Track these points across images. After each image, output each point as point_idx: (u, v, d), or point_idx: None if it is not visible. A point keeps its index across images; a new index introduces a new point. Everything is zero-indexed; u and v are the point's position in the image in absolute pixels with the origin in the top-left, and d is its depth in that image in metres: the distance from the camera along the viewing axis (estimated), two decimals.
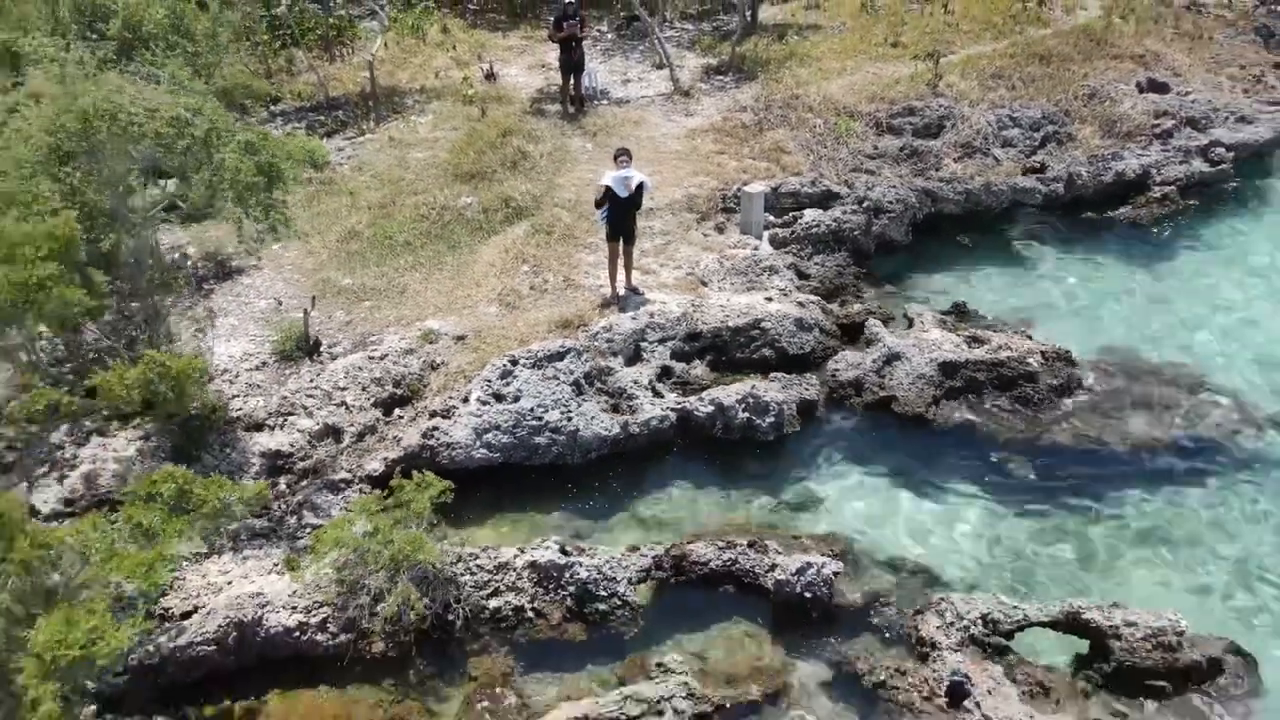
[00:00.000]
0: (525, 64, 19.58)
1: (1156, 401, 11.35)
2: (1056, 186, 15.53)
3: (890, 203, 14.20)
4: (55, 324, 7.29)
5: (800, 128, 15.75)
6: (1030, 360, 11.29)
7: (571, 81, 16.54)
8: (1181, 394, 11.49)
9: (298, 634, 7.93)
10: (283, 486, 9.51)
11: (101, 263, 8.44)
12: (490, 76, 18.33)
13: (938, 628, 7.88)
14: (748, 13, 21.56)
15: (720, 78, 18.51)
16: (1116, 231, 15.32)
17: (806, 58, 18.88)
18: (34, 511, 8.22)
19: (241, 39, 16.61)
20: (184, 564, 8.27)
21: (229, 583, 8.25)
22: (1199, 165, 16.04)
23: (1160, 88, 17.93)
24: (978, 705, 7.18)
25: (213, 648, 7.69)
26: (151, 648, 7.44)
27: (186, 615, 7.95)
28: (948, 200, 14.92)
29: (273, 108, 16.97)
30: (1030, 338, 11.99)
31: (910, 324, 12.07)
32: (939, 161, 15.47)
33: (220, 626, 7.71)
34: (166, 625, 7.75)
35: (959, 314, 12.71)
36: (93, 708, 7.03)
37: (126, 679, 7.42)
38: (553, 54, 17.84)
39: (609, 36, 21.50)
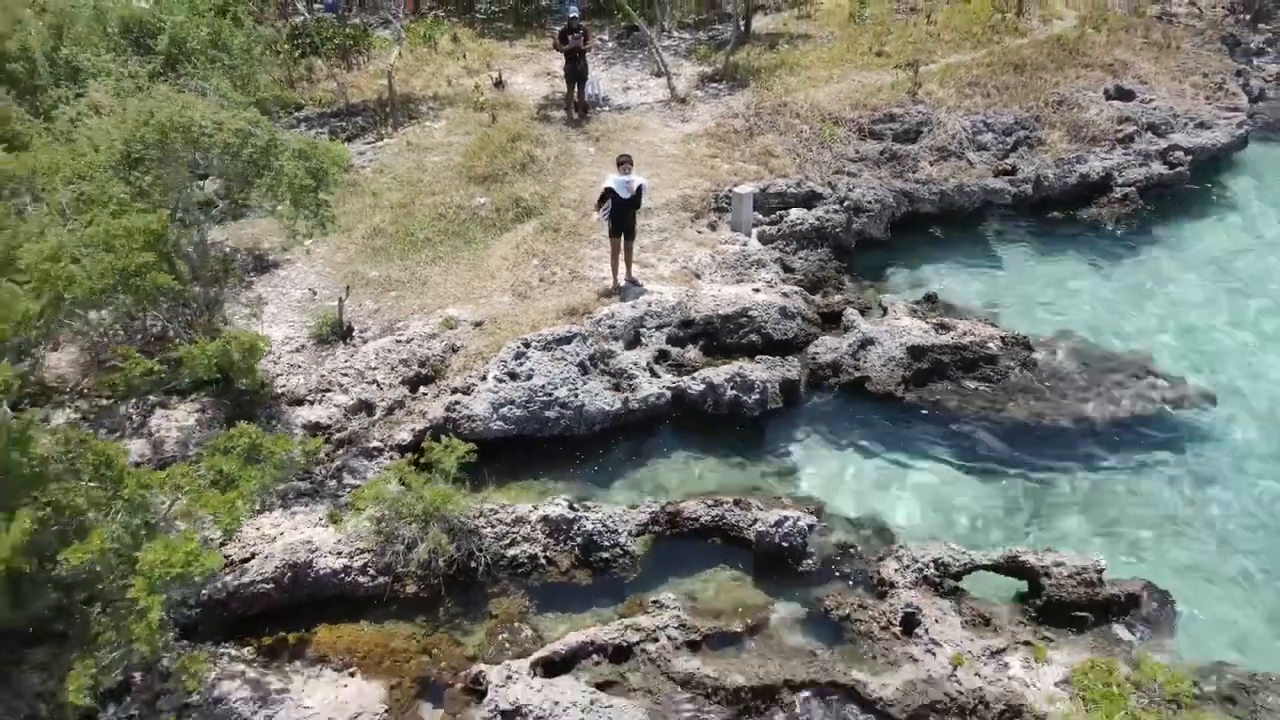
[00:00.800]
0: (531, 72, 20.82)
1: (1104, 382, 12.57)
2: (1025, 187, 16.79)
3: (869, 203, 15.45)
4: (148, 303, 8.50)
5: (788, 133, 16.99)
6: (991, 345, 12.52)
7: (575, 89, 17.77)
8: (1127, 376, 12.70)
9: (342, 576, 9.15)
10: (322, 454, 10.73)
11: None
12: (499, 84, 19.57)
13: (895, 570, 9.11)
14: (741, 23, 22.83)
15: (715, 85, 19.75)
16: (1080, 229, 16.58)
17: (796, 66, 20.12)
18: None
19: (266, 49, 17.78)
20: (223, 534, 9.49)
21: (281, 534, 9.46)
22: (1158, 168, 17.27)
23: (1126, 95, 19.18)
24: (926, 631, 8.40)
25: (270, 586, 8.91)
26: (219, 585, 8.65)
27: (245, 561, 9.18)
28: (923, 200, 16.17)
29: (296, 114, 18.18)
30: (993, 325, 13.23)
31: (884, 312, 13.30)
32: (916, 164, 16.70)
33: (277, 568, 8.94)
34: (230, 568, 8.96)
35: (930, 303, 13.93)
36: (172, 633, 8.23)
37: (198, 611, 8.64)
38: (557, 62, 19.09)
39: (610, 45, 22.74)
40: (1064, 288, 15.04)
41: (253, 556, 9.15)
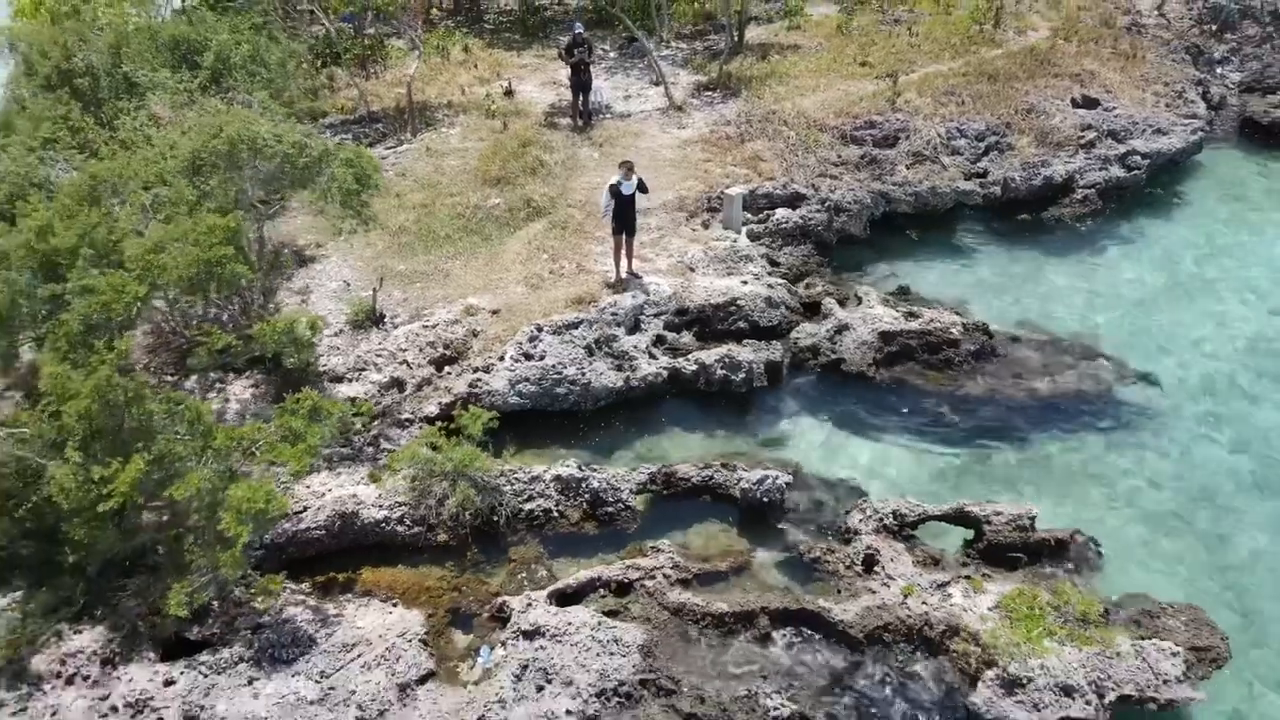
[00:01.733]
0: (538, 81, 22.27)
1: (1055, 363, 14.05)
2: (994, 189, 18.25)
3: (849, 203, 16.93)
4: (227, 288, 9.97)
5: (776, 139, 18.45)
6: (953, 330, 13.98)
7: (580, 99, 19.24)
8: (1076, 358, 14.20)
9: (382, 525, 10.62)
10: (359, 425, 12.20)
11: None
12: (509, 93, 21.03)
13: (859, 520, 10.59)
14: (735, 34, 24.29)
15: (709, 94, 21.19)
16: (1044, 228, 18.03)
17: (785, 76, 21.56)
18: None
19: (298, 63, 19.23)
20: (291, 480, 10.96)
21: (328, 491, 10.92)
22: (1116, 171, 18.73)
23: (1091, 103, 20.63)
24: (883, 569, 9.87)
25: (322, 532, 10.38)
26: (279, 530, 10.11)
27: (299, 513, 10.63)
28: (900, 201, 17.64)
29: (321, 121, 19.65)
30: (957, 313, 14.68)
31: (859, 302, 14.76)
32: (894, 168, 18.16)
33: (328, 517, 10.41)
34: (287, 518, 10.42)
35: (902, 294, 15.42)
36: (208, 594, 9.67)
37: (261, 553, 10.10)
38: (563, 71, 20.54)
39: (611, 55, 24.19)
40: (1026, 280, 16.51)
41: (305, 509, 10.62)
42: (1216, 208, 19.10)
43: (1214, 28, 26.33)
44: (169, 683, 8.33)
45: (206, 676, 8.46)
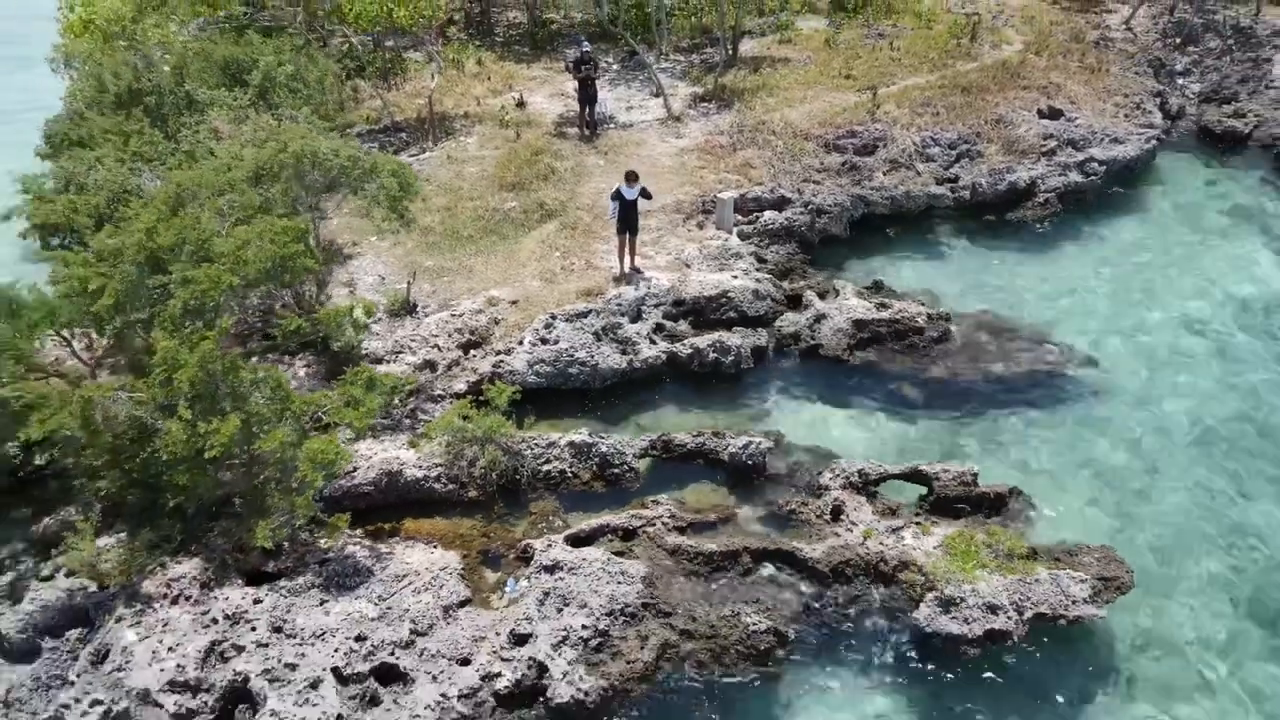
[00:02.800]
0: (547, 92, 24.11)
1: (1009, 348, 15.86)
2: (963, 193, 20.07)
3: (830, 206, 18.75)
4: (297, 279, 11.75)
5: (765, 148, 20.27)
6: (919, 319, 15.80)
7: (586, 110, 21.06)
8: (1028, 344, 16.00)
9: (422, 483, 12.42)
10: (396, 401, 14.00)
11: None
12: (521, 105, 22.87)
13: (829, 478, 12.40)
14: (729, 47, 26.11)
15: (705, 105, 23.02)
16: (1007, 228, 19.83)
17: (775, 88, 23.37)
18: None
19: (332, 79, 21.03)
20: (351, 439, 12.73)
21: (375, 454, 12.73)
22: (1075, 177, 20.54)
23: (1056, 114, 22.45)
24: (847, 517, 11.69)
25: (371, 488, 12.18)
26: (336, 485, 11.91)
27: (351, 472, 12.42)
28: (877, 204, 19.45)
29: (347, 131, 21.46)
30: (922, 304, 16.49)
31: (836, 294, 16.58)
32: (872, 174, 19.97)
33: (375, 475, 12.22)
34: (341, 476, 12.22)
35: (875, 288, 17.22)
36: (292, 528, 11.46)
37: (321, 505, 11.89)
38: (570, 83, 22.38)
39: (614, 68, 26.02)
40: (989, 275, 18.33)
41: (356, 469, 12.42)
42: (1167, 209, 20.93)
43: (1178, 40, 28.15)
44: (257, 601, 10.15)
45: (286, 598, 10.28)
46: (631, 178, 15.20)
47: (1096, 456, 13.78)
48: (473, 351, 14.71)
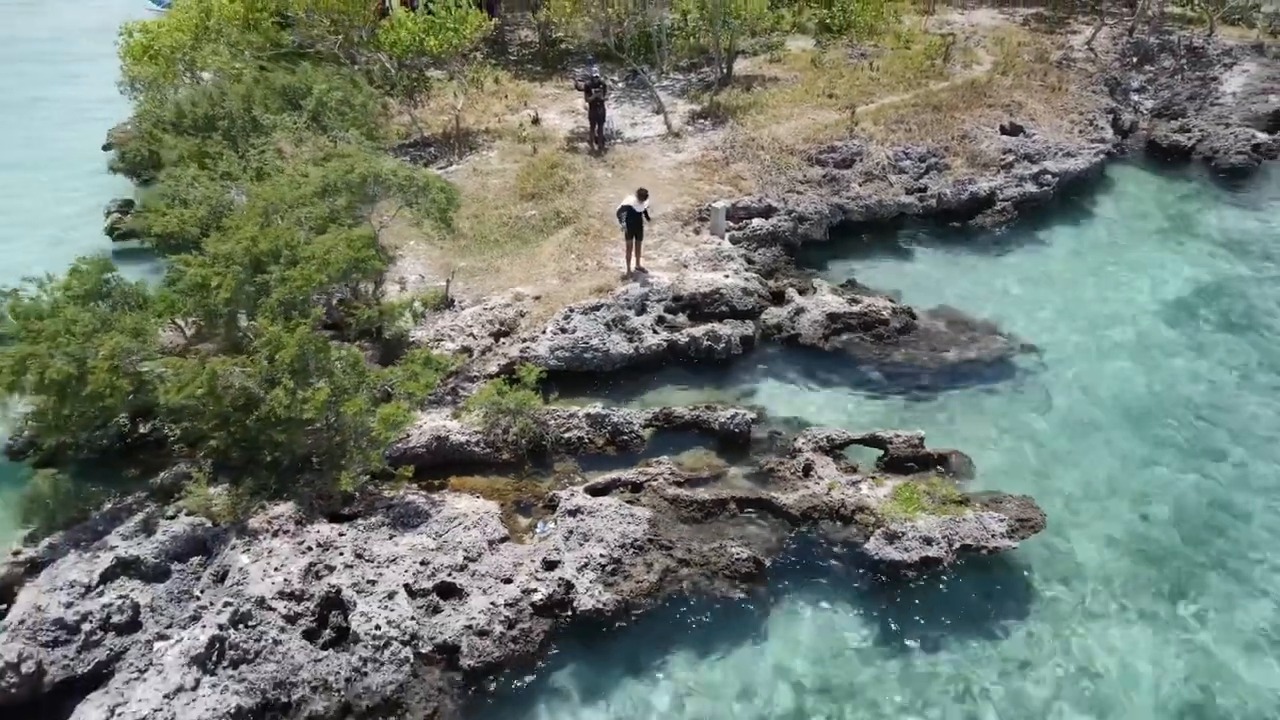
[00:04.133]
0: (559, 109, 26.68)
1: (962, 338, 18.41)
2: (930, 202, 22.64)
3: (812, 214, 21.32)
4: (368, 278, 14.26)
5: (754, 162, 22.85)
6: (884, 312, 18.36)
7: (596, 128, 23.62)
8: (980, 334, 18.54)
9: (464, 446, 14.97)
10: (439, 380, 16.52)
11: None
12: (536, 121, 25.44)
13: (802, 443, 14.96)
14: (724, 66, 28.67)
15: (702, 121, 25.59)
16: (968, 233, 22.42)
17: (764, 106, 25.94)
18: None
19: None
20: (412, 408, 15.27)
21: (425, 423, 15.28)
22: (1030, 188, 23.11)
23: (1016, 130, 25.03)
24: (816, 473, 14.25)
25: (422, 450, 14.72)
26: (395, 448, 14.46)
27: (406, 438, 14.97)
28: (853, 211, 22.02)
29: (386, 149, 23.98)
30: (890, 299, 19.05)
31: (814, 291, 19.13)
32: (849, 185, 22.54)
33: (427, 440, 14.77)
34: (398, 440, 14.77)
35: (849, 285, 19.78)
36: (366, 477, 13.96)
37: (386, 463, 14.46)
38: (579, 100, 24.94)
39: (620, 85, 28.57)
40: (950, 274, 20.89)
41: (410, 435, 14.97)
42: (1112, 217, 23.52)
43: (1135, 60, 30.73)
44: (341, 535, 12.70)
45: (363, 532, 12.84)
46: (642, 195, 17.76)
47: (1029, 427, 16.33)
48: (502, 339, 17.27)
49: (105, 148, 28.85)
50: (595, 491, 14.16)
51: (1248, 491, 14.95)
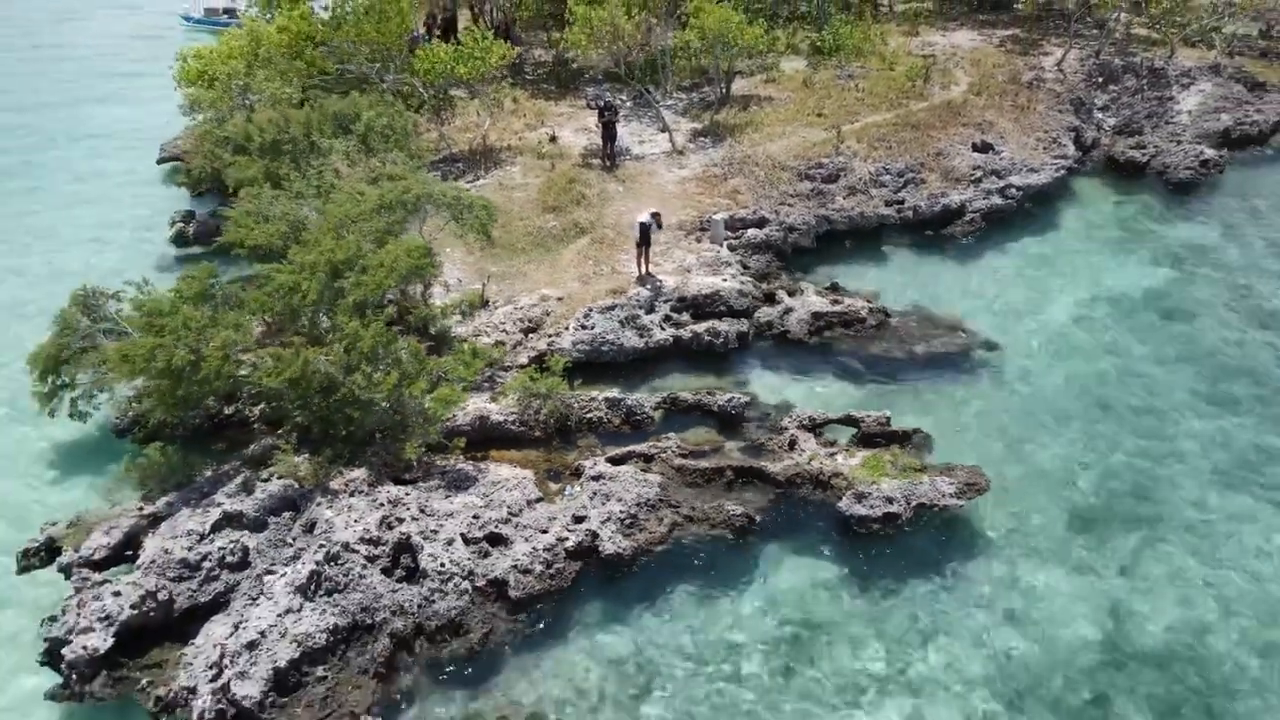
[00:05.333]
0: (574, 127, 29.37)
1: (931, 334, 21.11)
2: (907, 213, 25.35)
3: (800, 224, 24.03)
4: (424, 282, 16.93)
5: (750, 177, 25.56)
6: (862, 311, 21.06)
7: (608, 146, 26.31)
8: (945, 331, 21.23)
9: (502, 425, 17.67)
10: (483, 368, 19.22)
11: None
12: (553, 139, 28.13)
13: (788, 422, 17.68)
14: (723, 87, 31.37)
15: (703, 139, 28.28)
16: (941, 241, 25.11)
17: (759, 125, 28.63)
18: None
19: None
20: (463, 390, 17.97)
21: (469, 406, 17.96)
22: (997, 200, 25.82)
23: (986, 147, 27.73)
24: (799, 447, 16.96)
25: (468, 428, 17.42)
26: (444, 426, 17.15)
27: (453, 419, 17.66)
28: (838, 222, 24.74)
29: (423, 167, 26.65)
30: (867, 300, 21.75)
31: (801, 293, 21.85)
32: (834, 198, 25.25)
33: (471, 419, 17.48)
34: (449, 419, 17.46)
35: (832, 288, 22.49)
36: (424, 448, 16.66)
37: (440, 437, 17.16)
38: (592, 119, 27.63)
39: (628, 105, 31.27)
40: (922, 278, 23.59)
41: (456, 415, 17.67)
42: (1071, 226, 26.24)
43: (1100, 80, 33.41)
44: (406, 494, 15.42)
45: (424, 493, 15.55)
46: (655, 213, 20.52)
47: (984, 410, 19.04)
48: (531, 334, 20.00)
49: (159, 161, 31.67)
50: (614, 461, 16.86)
51: (1167, 464, 17.65)
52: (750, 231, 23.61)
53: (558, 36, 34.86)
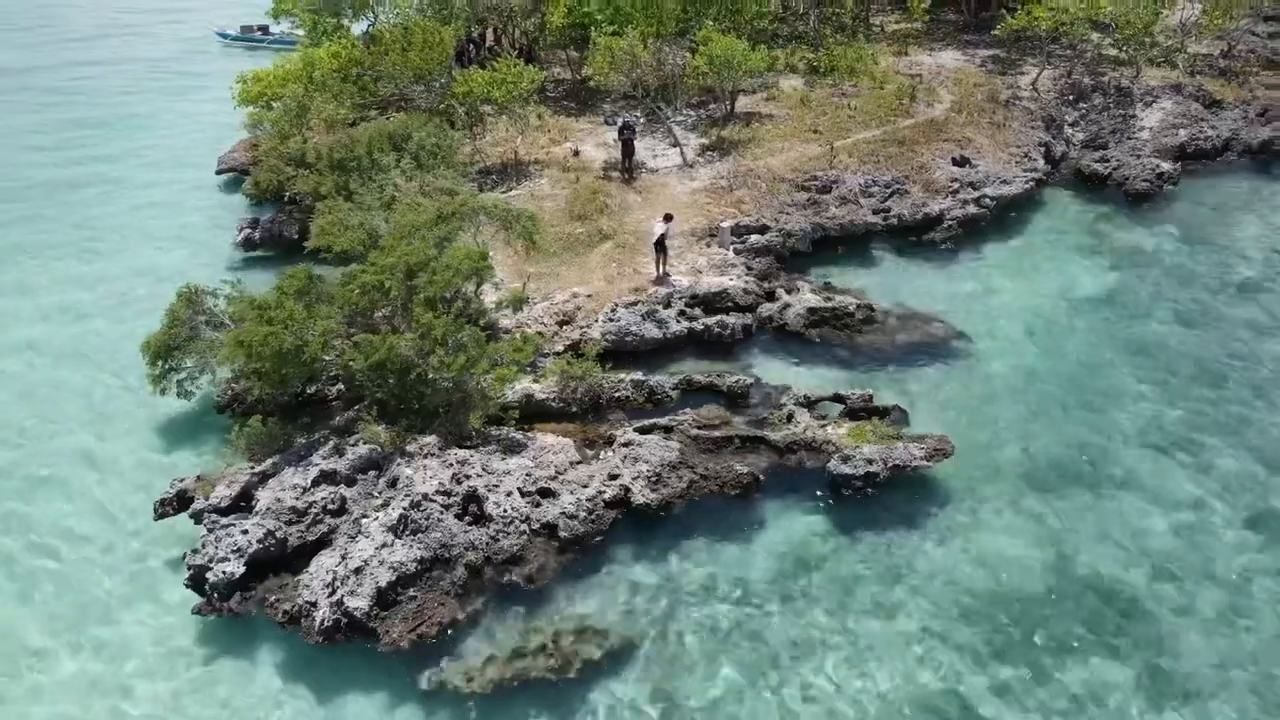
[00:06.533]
0: (594, 142, 32.61)
1: (911, 327, 24.36)
2: (892, 221, 28.58)
3: (797, 231, 27.28)
4: (484, 281, 20.18)
5: (753, 189, 28.79)
6: (851, 307, 24.29)
7: (627, 161, 29.55)
8: (923, 324, 24.48)
9: (545, 402, 20.88)
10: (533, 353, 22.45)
11: None
12: (576, 154, 31.36)
13: (786, 400, 20.92)
14: (728, 104, 34.60)
15: (711, 154, 31.49)
16: (922, 246, 28.34)
17: (761, 140, 31.85)
18: None
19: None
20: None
21: (517, 386, 21.18)
22: (972, 209, 29.04)
23: (964, 161, 30.97)
24: (796, 420, 20.20)
25: (517, 403, 20.66)
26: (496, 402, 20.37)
27: (503, 396, 20.85)
28: (831, 229, 27.97)
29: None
30: (856, 298, 24.97)
31: (798, 291, 25.08)
32: (827, 207, 28.49)
33: (518, 397, 20.71)
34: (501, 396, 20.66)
35: (826, 287, 25.73)
36: (483, 419, 19.85)
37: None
38: (610, 134, 30.86)
39: (642, 121, 34.48)
40: (904, 278, 26.84)
41: (507, 394, 20.87)
42: (1039, 232, 29.49)
43: (1072, 98, 36.68)
44: (471, 456, 18.64)
45: (485, 455, 18.76)
46: (668, 218, 23.76)
47: (954, 390, 22.27)
48: (565, 326, 23.23)
49: (218, 172, 34.94)
50: (641, 431, 20.10)
51: (1107, 436, 20.87)
52: (753, 237, 26.84)
53: (575, 55, 38.19)
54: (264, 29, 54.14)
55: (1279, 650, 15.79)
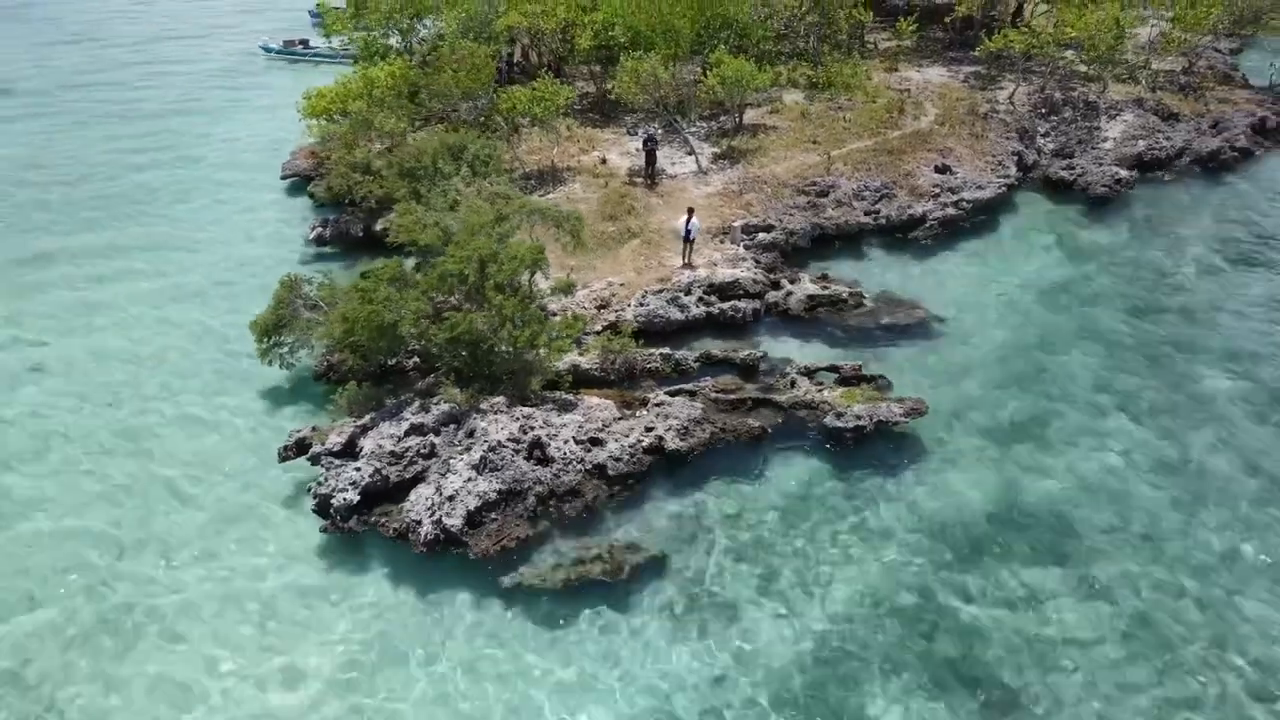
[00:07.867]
0: (618, 151, 36.81)
1: (895, 311, 28.57)
2: (882, 221, 32.79)
3: (798, 229, 31.49)
4: (532, 273, 24.37)
5: (760, 193, 33.00)
6: (844, 294, 28.51)
7: (650, 168, 33.74)
8: (907, 308, 28.68)
9: (589, 372, 25.08)
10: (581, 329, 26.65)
11: None
12: (603, 162, 35.55)
13: (790, 369, 25.13)
14: (737, 117, 38.81)
15: (722, 162, 35.70)
16: (907, 243, 32.54)
17: (766, 150, 36.07)
18: None
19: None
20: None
21: (566, 359, 25.37)
22: (951, 211, 33.25)
23: (945, 169, 35.18)
24: (798, 385, 24.40)
25: (567, 372, 24.86)
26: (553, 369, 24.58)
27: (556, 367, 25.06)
28: (828, 228, 32.19)
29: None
30: (848, 286, 29.21)
31: (799, 281, 29.29)
32: (825, 209, 32.70)
33: (567, 367, 24.90)
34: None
35: (823, 277, 29.94)
36: (541, 383, 24.03)
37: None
38: (634, 144, 35.05)
39: (660, 132, 38.67)
40: (892, 270, 31.05)
41: (559, 365, 25.07)
42: (1009, 232, 33.70)
43: (1044, 111, 40.90)
44: (533, 413, 22.83)
45: (545, 412, 22.96)
46: (690, 212, 28.02)
47: (931, 362, 26.49)
48: (602, 310, 27.44)
49: (282, 178, 39.15)
50: (670, 394, 24.31)
51: (1060, 401, 25.09)
52: (760, 235, 31.05)
53: (599, 70, 42.37)
54: (304, 43, 58.26)
55: (1180, 559, 20.02)
